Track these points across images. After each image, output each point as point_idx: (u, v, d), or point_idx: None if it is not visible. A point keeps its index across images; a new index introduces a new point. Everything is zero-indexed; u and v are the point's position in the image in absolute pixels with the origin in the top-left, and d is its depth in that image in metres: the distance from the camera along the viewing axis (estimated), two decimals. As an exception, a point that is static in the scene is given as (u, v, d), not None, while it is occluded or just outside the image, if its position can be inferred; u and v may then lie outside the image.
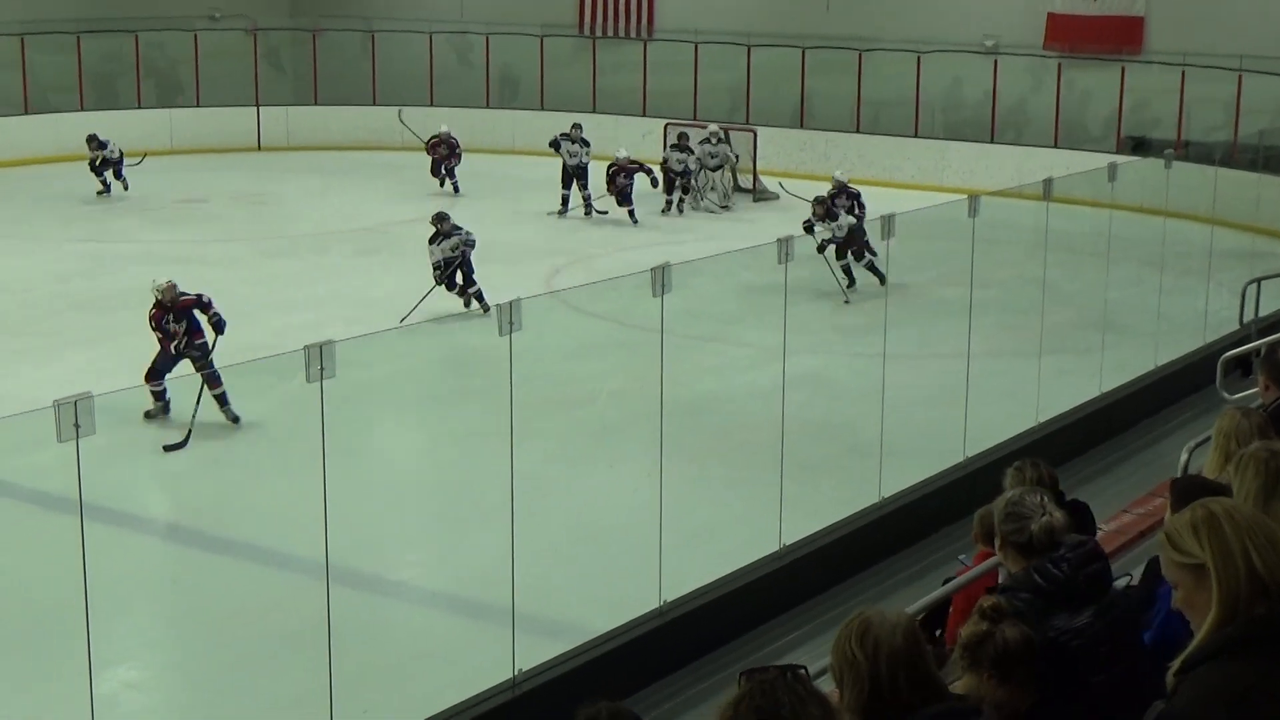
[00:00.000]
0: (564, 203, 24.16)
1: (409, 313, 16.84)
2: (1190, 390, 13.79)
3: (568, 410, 13.82)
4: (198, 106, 30.85)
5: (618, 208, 23.47)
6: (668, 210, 24.32)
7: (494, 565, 8.69)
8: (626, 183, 23.28)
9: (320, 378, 7.19)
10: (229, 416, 13.38)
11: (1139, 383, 13.82)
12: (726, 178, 25.55)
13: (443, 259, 17.49)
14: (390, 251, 21.19)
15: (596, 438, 13.53)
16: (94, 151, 25.03)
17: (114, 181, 25.22)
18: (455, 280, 17.54)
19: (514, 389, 8.36)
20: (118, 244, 21.81)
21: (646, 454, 9.91)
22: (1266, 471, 4.49)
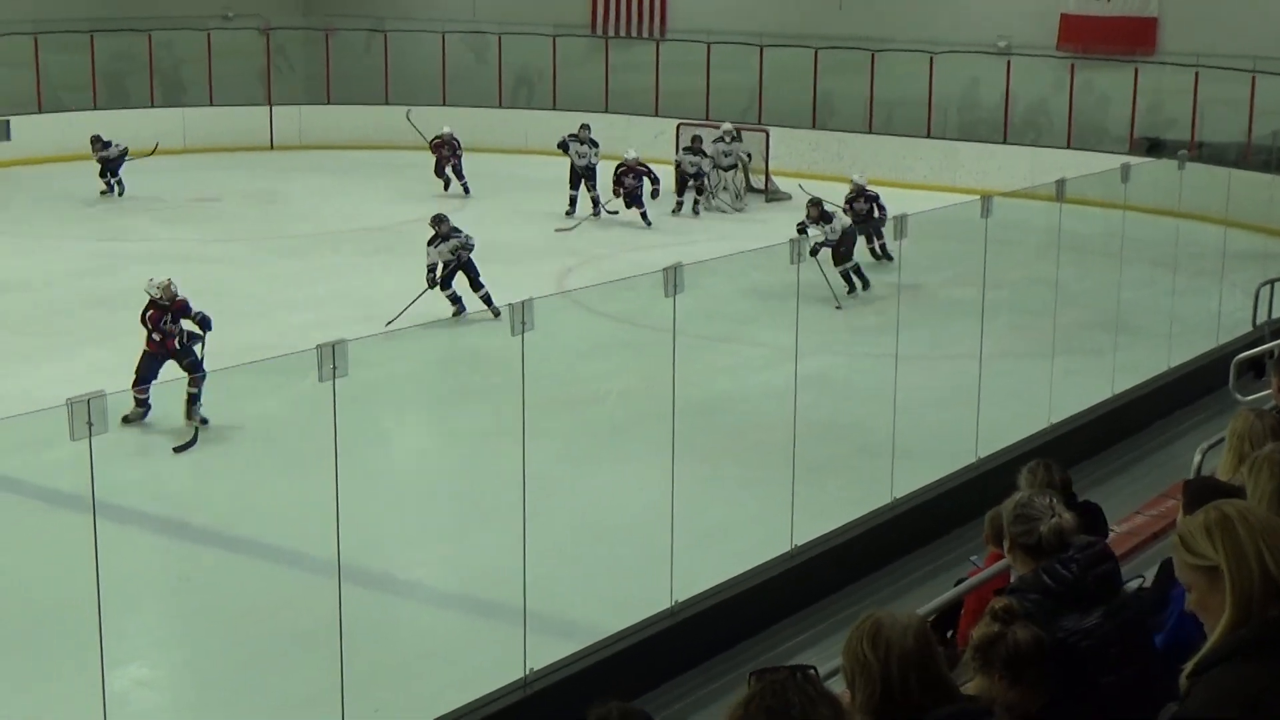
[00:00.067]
0: (571, 203, 24.10)
1: (397, 315, 16.58)
2: (1203, 392, 13.75)
3: (579, 410, 13.82)
4: (210, 105, 30.87)
5: (626, 209, 23.42)
6: (678, 211, 24.26)
7: (505, 564, 8.69)
8: (635, 184, 23.17)
9: (333, 377, 7.20)
10: (197, 418, 13.20)
11: (1152, 384, 13.80)
12: (739, 178, 25.53)
13: (439, 261, 17.26)
14: (402, 250, 21.12)
15: (608, 438, 13.53)
16: (97, 152, 24.87)
17: (108, 179, 25.01)
18: (450, 283, 17.26)
19: (526, 388, 8.36)
20: (130, 242, 21.83)
21: (658, 454, 9.89)
22: (1280, 473, 4.48)
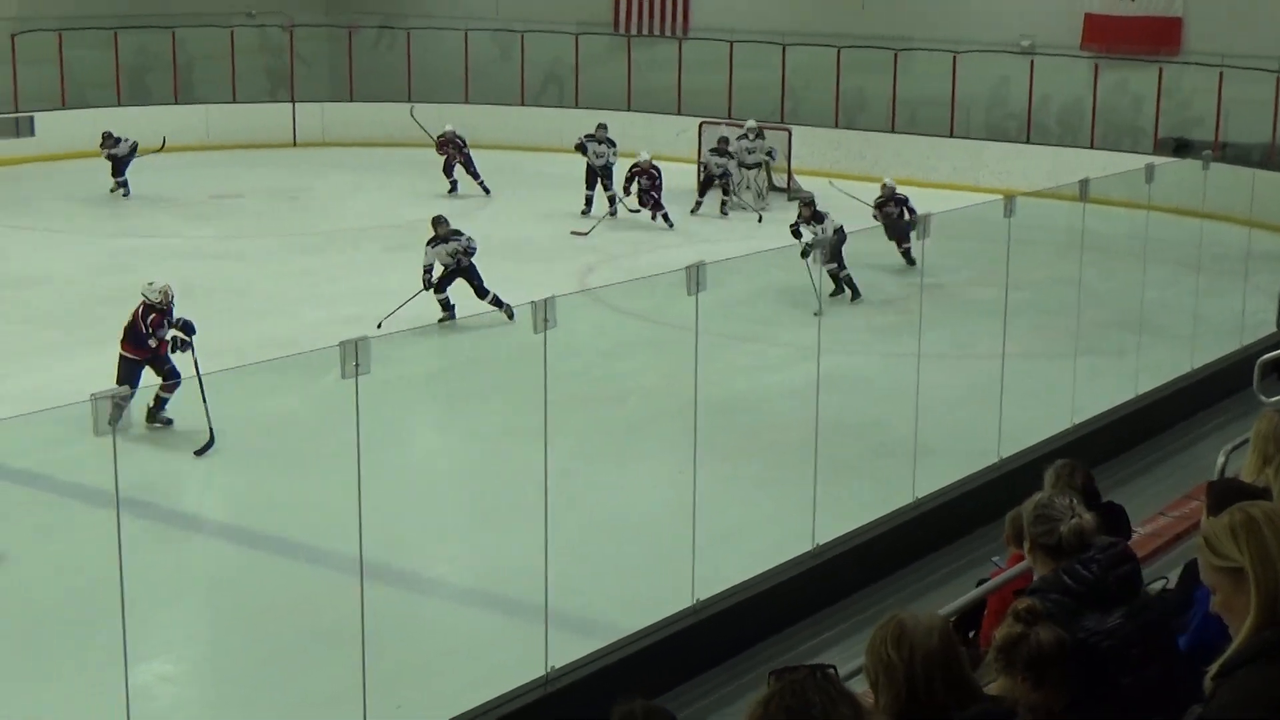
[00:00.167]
0: (588, 203, 23.96)
1: (389, 314, 16.33)
2: (1227, 393, 13.72)
3: (601, 408, 13.83)
4: (234, 102, 30.97)
5: (640, 208, 23.23)
6: (696, 210, 24.19)
7: (527, 562, 8.70)
8: (648, 185, 23.07)
9: (355, 374, 7.21)
10: (162, 420, 13.07)
11: (1175, 385, 13.77)
12: (761, 177, 25.48)
13: (435, 263, 16.99)
14: (423, 248, 21.21)
15: (630, 435, 13.54)
16: (107, 149, 24.72)
17: (117, 180, 24.81)
18: (445, 288, 16.96)
19: (548, 386, 8.37)
20: (153, 239, 21.90)
21: (680, 452, 9.90)
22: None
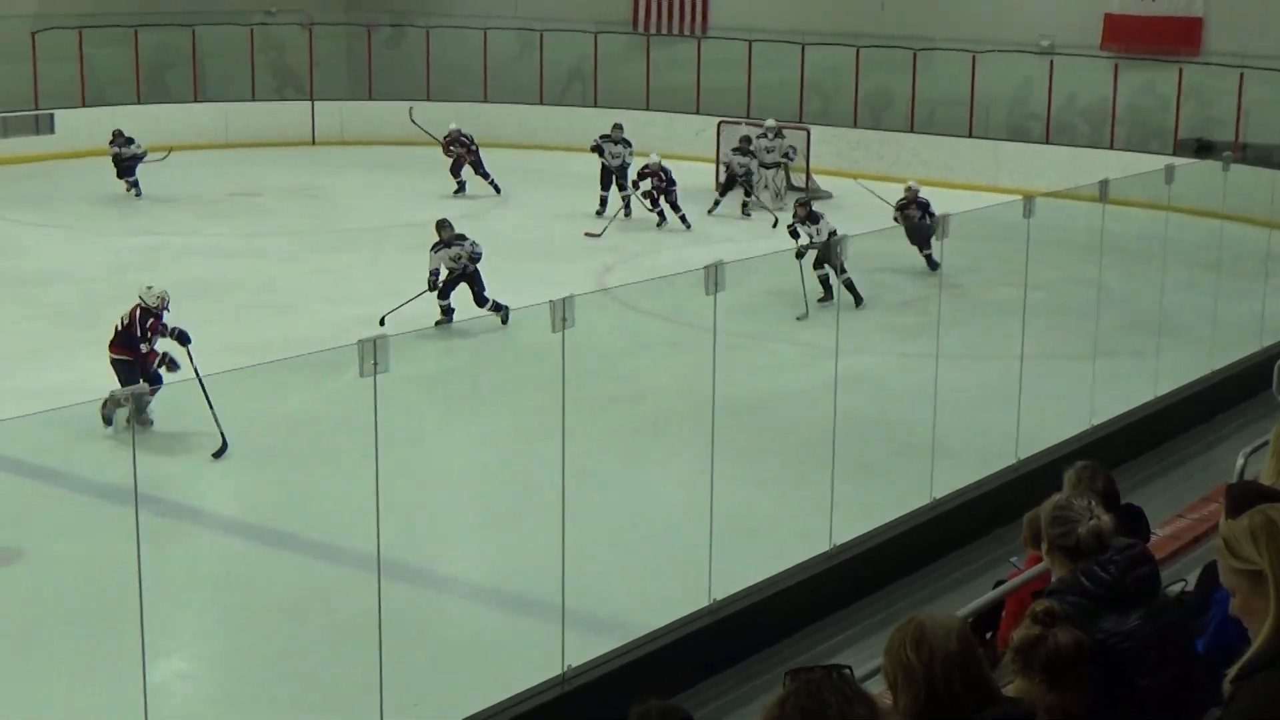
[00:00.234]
0: (602, 204, 23.85)
1: (391, 310, 16.28)
2: (1246, 395, 13.67)
3: (619, 407, 13.82)
4: (253, 100, 31.04)
5: (651, 210, 23.11)
6: (714, 210, 24.13)
7: (544, 561, 8.71)
8: (659, 186, 22.95)
9: (374, 372, 7.22)
10: (142, 422, 12.72)
11: (1194, 387, 13.73)
12: (780, 178, 25.42)
13: (441, 267, 16.81)
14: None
15: (647, 435, 13.54)
16: (118, 148, 24.65)
17: (128, 180, 24.75)
18: (448, 293, 16.80)
19: (566, 385, 8.38)
20: (172, 236, 21.97)
21: (697, 452, 9.90)
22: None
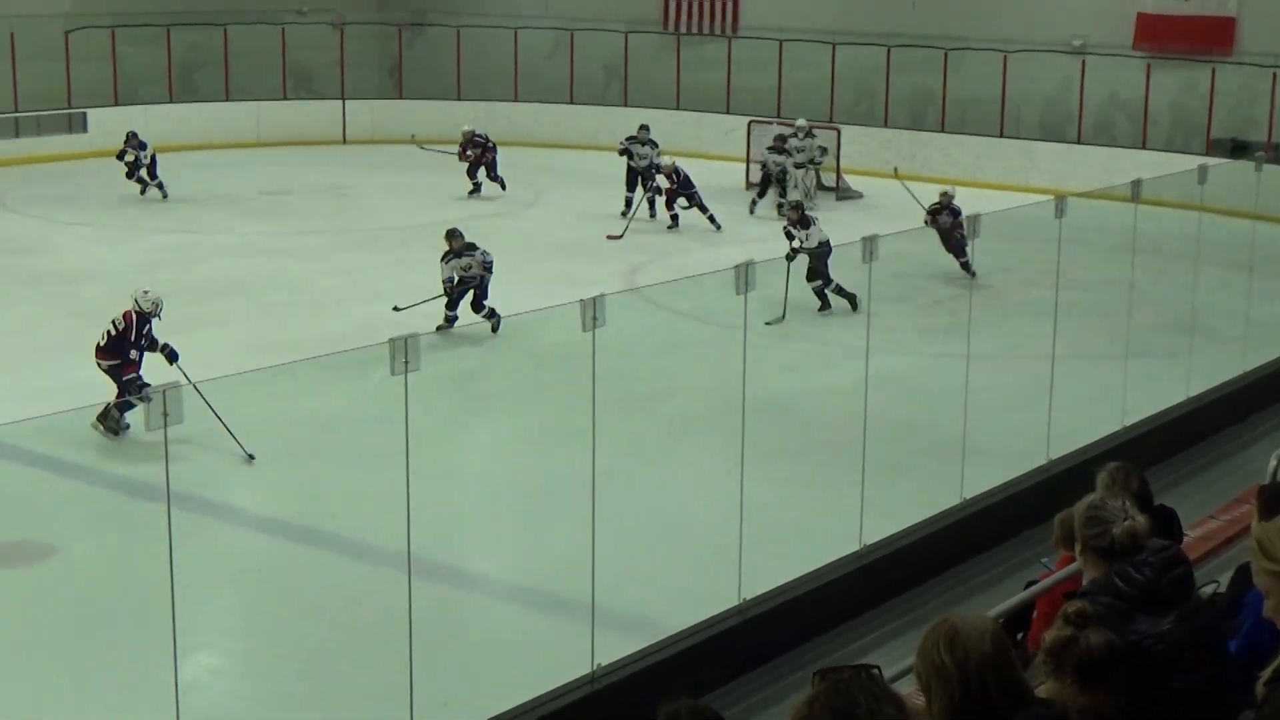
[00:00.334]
0: (628, 205, 23.70)
1: (407, 307, 16.27)
2: (1279, 396, 13.61)
3: (649, 406, 13.82)
4: (284, 99, 31.15)
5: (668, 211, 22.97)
6: (754, 209, 24.06)
7: (574, 560, 8.72)
8: (673, 188, 22.83)
9: (405, 371, 7.24)
10: (115, 427, 12.84)
11: (1227, 388, 13.67)
12: (810, 178, 25.37)
13: (454, 276, 16.60)
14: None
15: (677, 434, 13.55)
16: (132, 150, 24.56)
17: (150, 183, 24.68)
18: (457, 303, 16.62)
19: (596, 384, 8.38)
20: (203, 235, 22.06)
21: (727, 451, 9.90)
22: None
